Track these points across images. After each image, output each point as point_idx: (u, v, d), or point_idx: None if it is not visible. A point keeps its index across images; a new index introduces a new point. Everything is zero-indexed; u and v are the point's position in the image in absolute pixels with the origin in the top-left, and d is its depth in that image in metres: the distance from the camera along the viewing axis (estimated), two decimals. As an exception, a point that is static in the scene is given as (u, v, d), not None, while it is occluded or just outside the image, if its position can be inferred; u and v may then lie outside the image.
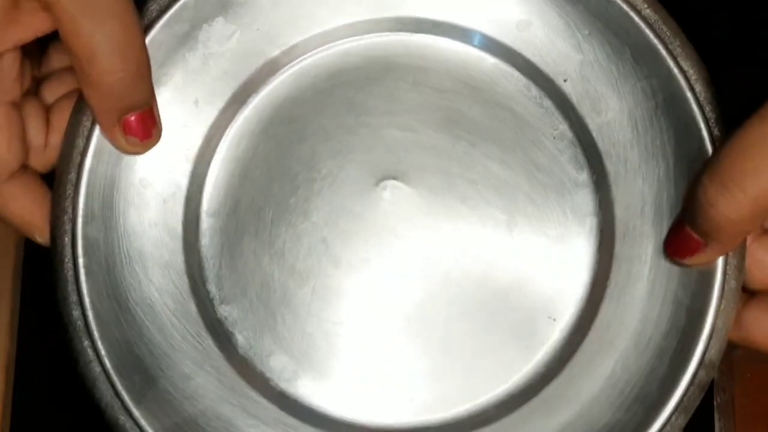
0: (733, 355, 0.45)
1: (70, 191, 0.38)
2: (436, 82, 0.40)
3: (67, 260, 0.38)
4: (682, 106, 0.38)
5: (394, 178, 0.40)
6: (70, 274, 0.38)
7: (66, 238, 0.38)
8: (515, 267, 0.39)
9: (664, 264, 0.38)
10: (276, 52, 0.40)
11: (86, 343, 0.38)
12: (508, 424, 0.37)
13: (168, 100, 0.39)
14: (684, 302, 0.37)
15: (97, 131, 0.38)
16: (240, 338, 0.39)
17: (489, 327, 0.39)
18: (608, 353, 0.37)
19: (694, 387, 0.36)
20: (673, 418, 0.36)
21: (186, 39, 0.39)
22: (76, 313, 0.38)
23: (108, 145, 0.38)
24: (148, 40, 0.38)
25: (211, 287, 0.39)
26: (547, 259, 0.39)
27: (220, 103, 0.40)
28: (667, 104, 0.38)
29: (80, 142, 0.38)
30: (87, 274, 0.38)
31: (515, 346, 0.38)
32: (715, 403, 0.45)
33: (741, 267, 0.37)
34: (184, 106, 0.39)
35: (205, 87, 0.40)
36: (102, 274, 0.38)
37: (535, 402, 0.37)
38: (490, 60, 0.40)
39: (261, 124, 0.40)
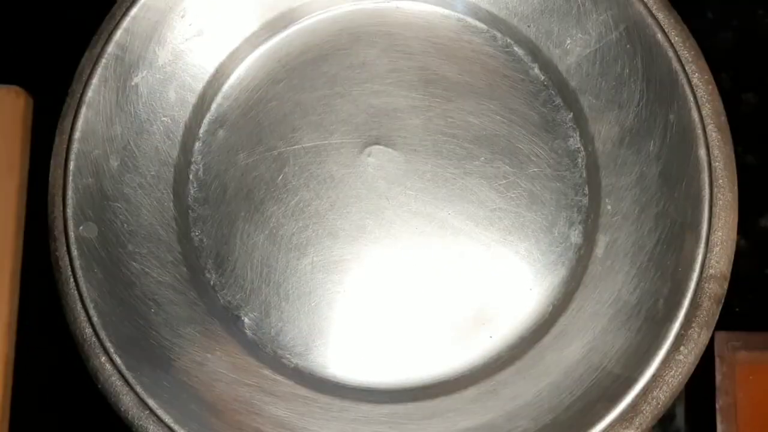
0: (736, 358, 0.45)
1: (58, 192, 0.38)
2: (404, 46, 0.41)
3: (64, 267, 0.38)
4: (645, 31, 0.39)
5: (377, 143, 0.40)
6: (71, 280, 0.38)
7: (59, 242, 0.38)
8: (509, 211, 0.40)
9: (652, 188, 0.39)
10: (246, 35, 0.41)
11: (103, 358, 0.38)
12: (526, 362, 0.38)
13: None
14: (677, 219, 0.38)
15: (77, 134, 0.39)
16: (246, 320, 0.39)
17: (490, 271, 0.39)
18: (613, 278, 0.38)
19: (707, 300, 0.37)
20: (683, 332, 0.37)
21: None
22: (88, 330, 0.38)
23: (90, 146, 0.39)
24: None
25: (211, 275, 0.40)
26: (538, 200, 0.40)
27: (194, 95, 0.40)
28: (630, 33, 0.39)
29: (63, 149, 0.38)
30: (85, 276, 0.38)
31: (519, 286, 0.39)
32: (717, 406, 0.45)
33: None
34: (161, 99, 0.40)
35: (176, 81, 0.40)
36: (100, 274, 0.38)
37: (547, 339, 0.38)
38: (453, 17, 0.41)
39: (238, 109, 0.41)
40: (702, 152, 0.39)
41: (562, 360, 0.38)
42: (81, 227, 0.38)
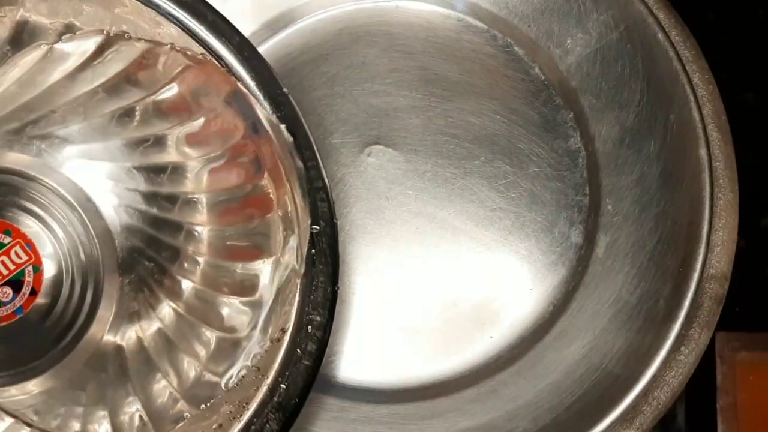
0: (736, 358, 0.45)
1: None
2: (404, 46, 0.41)
3: None
4: (645, 31, 0.39)
5: (378, 143, 0.40)
6: None
7: None
8: (510, 211, 0.40)
9: (653, 188, 0.39)
10: (246, 35, 0.41)
11: None
12: (526, 362, 0.38)
13: None
14: (677, 219, 0.38)
15: None
16: None
17: (490, 271, 0.39)
18: (613, 278, 0.38)
19: (708, 300, 0.37)
20: (683, 332, 0.37)
21: None
22: None
23: None
24: None
25: None
26: (539, 200, 0.40)
27: None
28: (630, 32, 0.39)
29: None
30: None
31: (519, 286, 0.39)
32: (718, 406, 0.45)
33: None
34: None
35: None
36: None
37: (547, 339, 0.38)
38: (453, 16, 0.41)
39: (239, 108, 0.41)
40: (702, 152, 0.39)
41: (562, 360, 0.38)
42: None
